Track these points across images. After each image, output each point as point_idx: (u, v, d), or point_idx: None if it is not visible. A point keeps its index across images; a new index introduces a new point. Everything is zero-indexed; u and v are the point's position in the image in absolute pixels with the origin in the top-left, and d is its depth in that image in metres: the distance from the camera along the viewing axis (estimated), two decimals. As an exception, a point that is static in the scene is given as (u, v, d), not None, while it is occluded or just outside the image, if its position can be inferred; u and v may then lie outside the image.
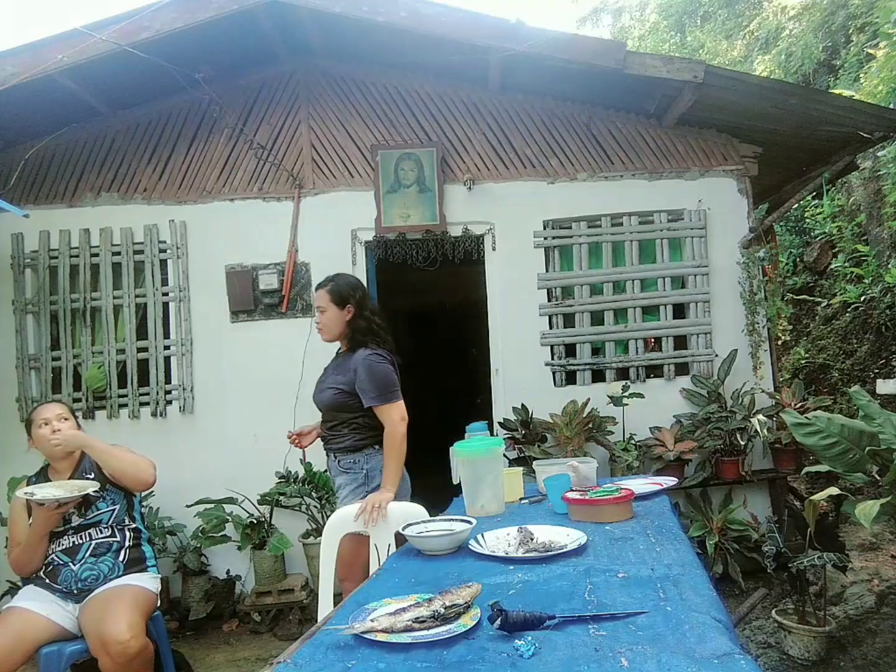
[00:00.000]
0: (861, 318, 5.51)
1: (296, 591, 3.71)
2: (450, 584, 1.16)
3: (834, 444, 2.70)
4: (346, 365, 2.51)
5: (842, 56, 7.74)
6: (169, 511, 3.90)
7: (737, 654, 0.89)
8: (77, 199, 4.16)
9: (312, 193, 4.18)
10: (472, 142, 4.20)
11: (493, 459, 1.85)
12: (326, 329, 2.57)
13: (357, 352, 2.49)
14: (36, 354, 4.07)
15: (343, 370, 2.51)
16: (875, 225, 5.70)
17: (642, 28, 13.59)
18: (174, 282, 4.13)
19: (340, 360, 2.59)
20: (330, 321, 2.54)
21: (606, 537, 1.52)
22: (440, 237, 4.17)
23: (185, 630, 3.70)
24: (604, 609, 1.07)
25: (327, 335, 2.58)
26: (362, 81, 4.21)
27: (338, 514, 2.29)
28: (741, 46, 10.53)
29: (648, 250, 4.21)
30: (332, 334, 2.57)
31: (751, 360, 4.09)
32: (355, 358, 2.47)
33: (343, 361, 2.55)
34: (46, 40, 3.43)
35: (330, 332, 2.57)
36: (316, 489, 3.85)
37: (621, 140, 4.20)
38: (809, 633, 2.81)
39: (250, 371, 4.09)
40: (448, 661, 0.93)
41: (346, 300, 2.53)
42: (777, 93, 3.69)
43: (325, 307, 2.54)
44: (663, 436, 3.85)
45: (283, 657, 1.00)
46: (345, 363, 2.53)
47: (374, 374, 2.42)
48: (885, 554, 3.83)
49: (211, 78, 3.93)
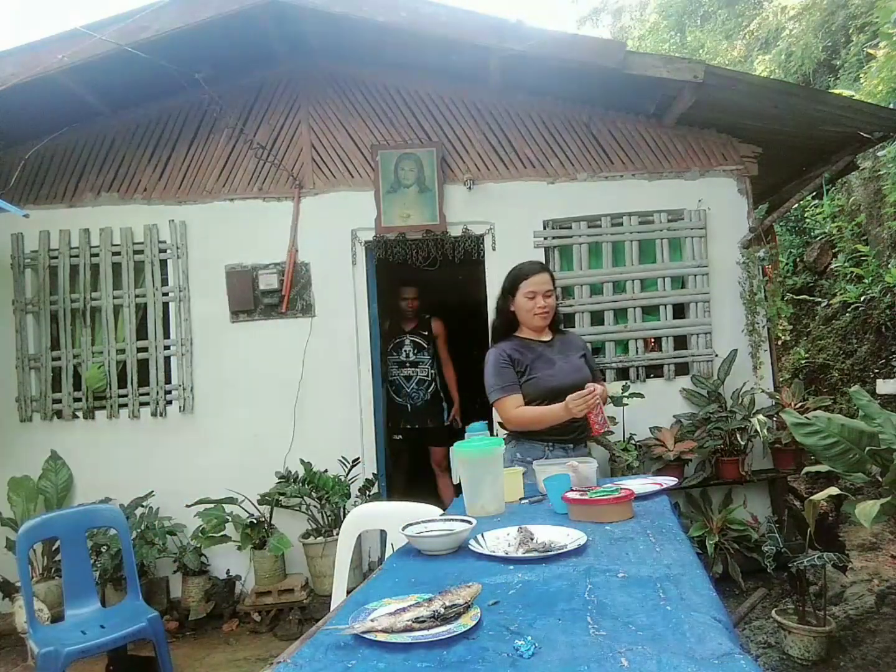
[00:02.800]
0: (861, 318, 5.50)
1: (296, 591, 3.71)
2: (450, 584, 1.16)
3: (834, 444, 2.70)
4: (573, 345, 2.58)
5: (842, 56, 7.74)
6: (169, 511, 3.90)
7: (737, 654, 0.89)
8: (77, 199, 4.17)
9: (312, 193, 4.18)
10: (472, 142, 4.20)
11: (493, 459, 1.85)
12: (551, 313, 2.52)
13: (567, 333, 2.65)
14: (36, 354, 4.07)
15: (574, 350, 2.55)
16: (875, 225, 5.70)
17: (642, 28, 13.60)
18: (174, 282, 4.13)
19: (560, 344, 2.56)
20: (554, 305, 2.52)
21: (606, 537, 1.52)
22: (440, 237, 4.16)
23: (184, 630, 3.70)
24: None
25: (549, 319, 2.52)
26: (362, 81, 4.21)
27: (357, 511, 2.29)
28: (741, 46, 10.53)
29: (648, 250, 4.21)
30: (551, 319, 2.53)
31: (751, 360, 4.09)
32: (576, 338, 2.66)
33: (563, 343, 2.56)
34: (46, 40, 3.43)
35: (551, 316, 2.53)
36: (316, 489, 3.85)
37: (621, 140, 4.20)
38: (809, 633, 2.81)
39: (250, 371, 4.09)
40: (448, 661, 0.93)
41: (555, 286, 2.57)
42: (777, 93, 3.69)
43: (552, 290, 2.50)
44: (663, 436, 3.85)
45: (283, 657, 1.00)
46: (569, 344, 2.57)
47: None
48: (885, 554, 3.83)
49: (211, 78, 3.93)
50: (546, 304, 2.46)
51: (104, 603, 3.36)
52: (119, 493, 3.87)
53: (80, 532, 2.85)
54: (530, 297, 2.46)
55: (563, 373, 2.44)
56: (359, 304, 4.18)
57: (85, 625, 2.63)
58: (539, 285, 2.45)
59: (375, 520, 2.31)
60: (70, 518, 2.88)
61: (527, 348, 2.50)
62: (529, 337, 2.54)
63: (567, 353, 2.52)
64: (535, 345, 2.52)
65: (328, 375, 4.09)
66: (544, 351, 2.50)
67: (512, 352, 2.46)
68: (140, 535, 3.70)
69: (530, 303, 2.46)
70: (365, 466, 4.08)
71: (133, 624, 2.59)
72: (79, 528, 2.85)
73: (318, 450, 4.00)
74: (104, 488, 3.91)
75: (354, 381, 4.12)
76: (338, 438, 4.05)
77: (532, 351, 2.49)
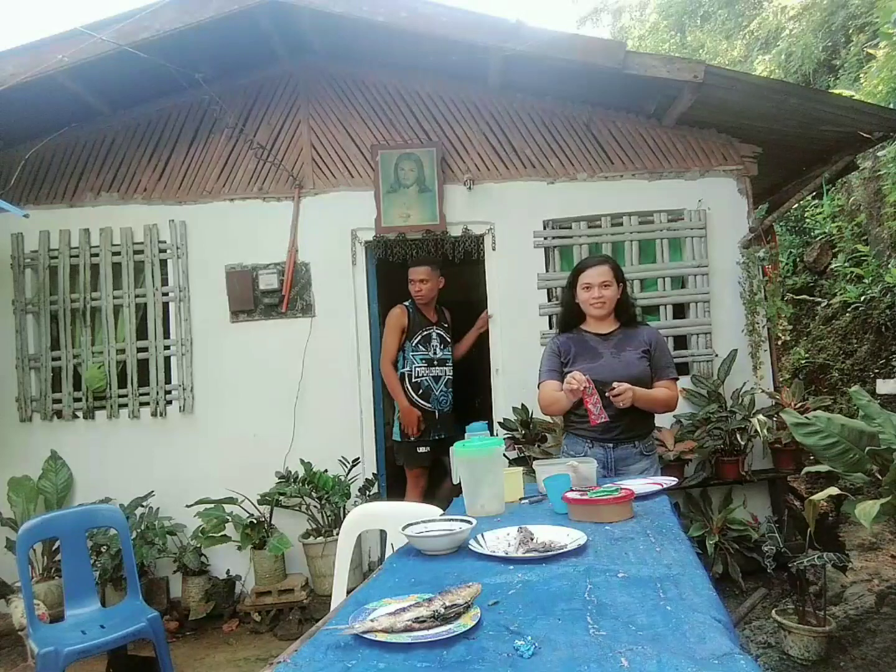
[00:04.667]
0: (861, 318, 5.50)
1: (296, 591, 3.71)
2: (450, 584, 1.16)
3: (834, 444, 2.70)
4: (635, 339, 2.54)
5: (842, 56, 7.74)
6: (169, 511, 3.90)
7: (737, 654, 0.89)
8: (77, 199, 4.17)
9: (312, 193, 4.18)
10: (472, 142, 4.19)
11: (493, 459, 1.85)
12: (609, 303, 2.55)
13: (639, 327, 2.60)
14: (36, 354, 4.07)
15: (634, 345, 2.53)
16: (875, 225, 5.70)
17: (642, 28, 13.59)
18: (174, 282, 4.13)
19: (620, 337, 2.56)
20: (613, 295, 2.54)
21: (606, 537, 1.52)
22: (440, 237, 4.17)
23: (185, 630, 3.70)
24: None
25: (607, 309, 2.56)
26: (362, 81, 4.21)
27: (357, 511, 2.29)
28: (741, 46, 10.53)
29: (648, 250, 4.21)
30: (609, 309, 2.56)
31: (751, 360, 4.09)
32: (645, 332, 2.58)
33: (625, 337, 2.56)
34: (46, 40, 3.43)
35: (610, 306, 2.56)
36: (316, 489, 3.85)
37: (621, 140, 4.20)
38: (809, 633, 2.81)
39: (250, 371, 4.09)
40: (448, 661, 0.93)
41: (621, 278, 2.58)
42: (777, 93, 3.69)
43: (611, 282, 2.53)
44: (663, 436, 3.85)
45: (283, 657, 1.00)
46: (631, 338, 2.55)
47: (667, 348, 2.61)
48: (885, 554, 3.83)
49: (211, 78, 3.93)
50: (602, 294, 2.52)
51: (104, 603, 3.36)
52: (119, 493, 3.87)
53: (80, 532, 2.85)
54: (586, 289, 2.54)
55: (606, 367, 2.47)
56: (359, 304, 4.18)
57: (85, 625, 2.63)
58: (595, 277, 2.53)
59: (375, 520, 2.31)
60: (70, 518, 2.88)
61: (579, 341, 2.59)
62: (588, 329, 2.61)
63: (624, 347, 2.53)
64: (589, 337, 2.59)
65: (328, 375, 4.09)
66: (597, 344, 2.56)
67: (562, 343, 2.59)
68: (140, 535, 3.70)
69: (586, 294, 2.55)
70: (365, 466, 4.08)
71: (133, 624, 2.58)
72: (79, 528, 2.85)
73: (318, 450, 4.00)
74: (104, 488, 3.91)
75: (354, 381, 4.12)
76: (338, 438, 4.05)
77: (582, 344, 2.57)
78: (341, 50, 4.10)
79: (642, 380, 2.45)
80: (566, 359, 2.55)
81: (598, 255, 2.81)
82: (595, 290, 2.52)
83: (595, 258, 2.69)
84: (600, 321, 2.59)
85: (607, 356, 2.51)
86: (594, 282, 2.52)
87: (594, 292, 2.52)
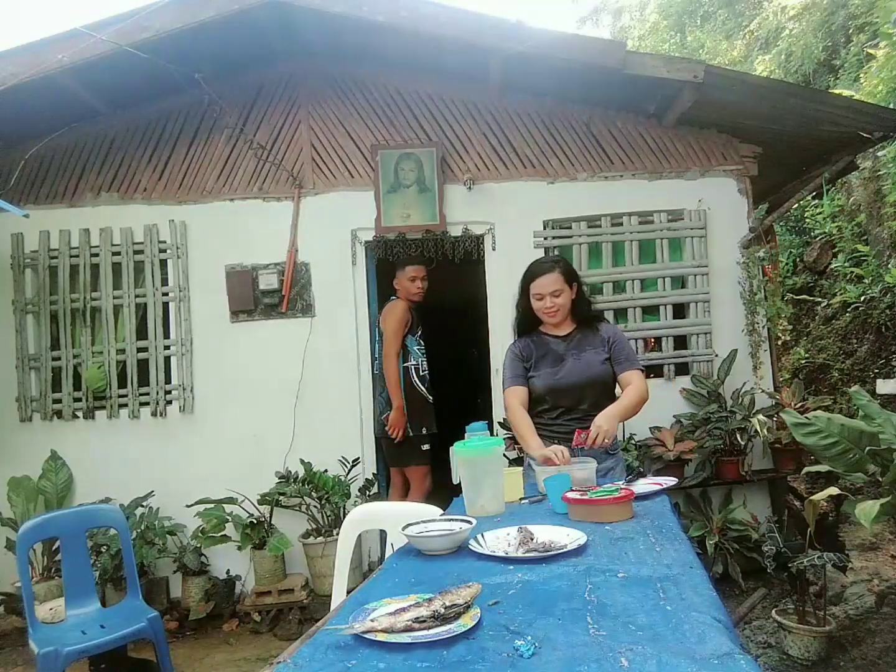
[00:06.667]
0: (861, 318, 5.50)
1: (296, 591, 3.71)
2: (450, 584, 1.16)
3: (834, 444, 2.70)
4: (594, 338, 2.51)
5: (842, 56, 7.74)
6: (169, 511, 3.90)
7: (737, 654, 0.89)
8: (77, 199, 4.17)
9: (312, 193, 4.18)
10: (472, 142, 4.20)
11: (493, 459, 1.85)
12: (562, 311, 2.51)
13: (597, 325, 2.56)
14: (36, 354, 4.07)
15: (594, 344, 2.50)
16: (875, 225, 5.70)
17: (642, 28, 13.59)
18: (174, 282, 4.13)
19: (579, 337, 2.53)
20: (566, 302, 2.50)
21: (606, 537, 1.52)
22: (440, 237, 4.16)
23: (184, 630, 3.70)
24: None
25: (561, 317, 2.52)
26: (362, 81, 4.21)
27: (357, 511, 2.29)
28: (741, 46, 10.53)
29: (648, 250, 4.21)
30: (564, 315, 2.53)
31: (751, 360, 4.09)
32: (603, 329, 2.55)
33: (584, 337, 2.53)
34: (46, 40, 3.43)
35: (564, 313, 2.52)
36: (316, 489, 3.85)
37: (621, 140, 4.20)
38: (809, 633, 2.81)
39: (250, 371, 4.09)
40: (448, 661, 0.93)
41: (573, 279, 2.54)
42: (777, 93, 3.69)
43: (561, 290, 2.49)
44: (663, 436, 3.85)
45: (283, 657, 1.00)
46: (590, 337, 2.52)
47: (626, 341, 2.56)
48: (885, 554, 3.83)
49: (211, 78, 3.93)
50: (554, 303, 2.49)
51: (104, 603, 3.36)
52: (119, 493, 3.87)
53: (80, 532, 2.84)
54: (538, 299, 2.51)
55: (570, 372, 2.47)
56: (359, 304, 4.18)
57: (85, 625, 2.63)
58: (545, 287, 2.49)
59: (375, 520, 2.31)
60: (70, 518, 2.88)
61: (540, 344, 2.56)
62: (547, 332, 2.59)
63: (584, 347, 2.51)
64: (549, 339, 2.56)
65: (328, 375, 4.09)
66: (557, 347, 2.54)
67: (523, 347, 2.57)
68: (140, 535, 3.70)
69: (538, 303, 2.52)
70: (365, 466, 4.08)
71: (133, 624, 2.58)
72: (79, 528, 2.85)
73: (318, 450, 4.00)
74: (104, 488, 3.91)
75: (354, 381, 4.12)
76: (338, 438, 4.05)
77: (543, 347, 2.55)
78: (341, 50, 4.10)
79: (603, 378, 2.47)
80: (528, 363, 2.54)
81: (547, 259, 2.70)
82: (547, 300, 2.48)
83: (544, 265, 2.57)
84: (555, 325, 2.57)
85: (570, 360, 2.50)
86: (545, 291, 2.48)
87: (546, 301, 2.48)
